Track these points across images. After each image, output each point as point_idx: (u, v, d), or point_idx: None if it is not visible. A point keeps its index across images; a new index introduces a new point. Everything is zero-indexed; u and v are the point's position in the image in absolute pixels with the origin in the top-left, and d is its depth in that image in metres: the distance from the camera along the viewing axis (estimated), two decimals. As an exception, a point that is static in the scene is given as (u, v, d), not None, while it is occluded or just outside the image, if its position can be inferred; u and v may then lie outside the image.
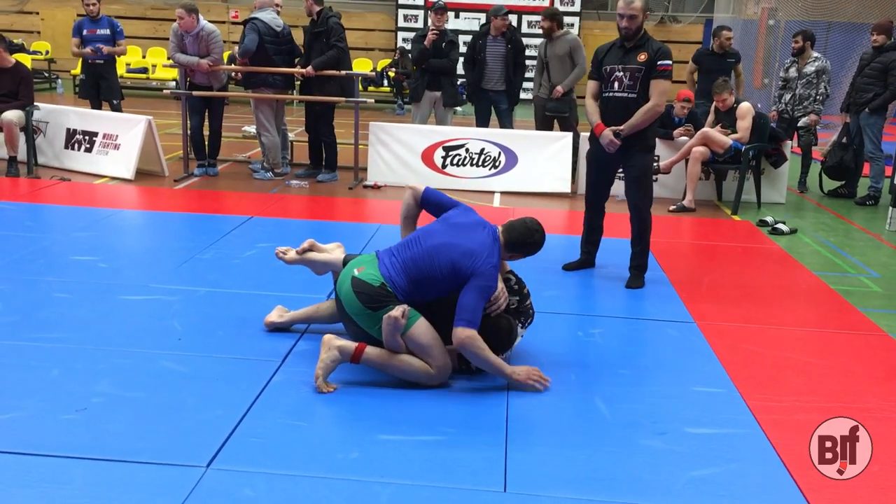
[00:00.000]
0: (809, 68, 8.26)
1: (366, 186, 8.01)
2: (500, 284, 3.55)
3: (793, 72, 8.43)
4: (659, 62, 4.69)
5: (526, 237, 3.51)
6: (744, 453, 2.97)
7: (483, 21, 9.45)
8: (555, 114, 8.34)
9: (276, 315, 3.96)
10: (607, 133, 4.76)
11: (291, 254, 3.95)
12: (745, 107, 7.61)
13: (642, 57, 4.71)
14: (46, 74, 17.00)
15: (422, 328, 3.35)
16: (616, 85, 4.79)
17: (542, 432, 3.08)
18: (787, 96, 8.45)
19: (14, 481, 2.59)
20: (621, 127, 4.72)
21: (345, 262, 3.76)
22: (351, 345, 3.36)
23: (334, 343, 3.36)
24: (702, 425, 3.16)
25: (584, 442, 3.01)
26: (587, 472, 2.80)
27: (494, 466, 2.80)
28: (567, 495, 2.64)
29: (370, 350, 3.37)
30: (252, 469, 2.71)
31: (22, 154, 7.92)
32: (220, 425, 2.98)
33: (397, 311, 3.29)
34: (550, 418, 3.20)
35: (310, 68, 7.68)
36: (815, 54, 8.36)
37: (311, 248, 3.95)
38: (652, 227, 5.07)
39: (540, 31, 9.03)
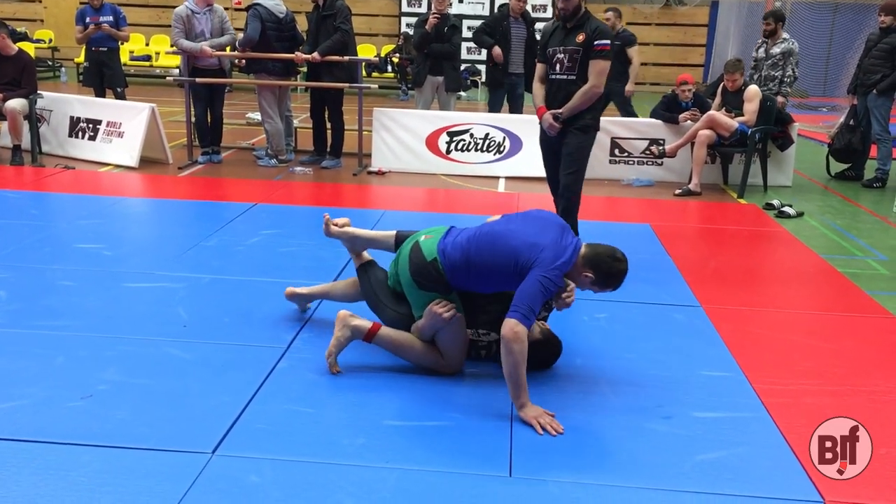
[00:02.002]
0: (776, 49, 8.18)
1: (370, 172, 7.99)
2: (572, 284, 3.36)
3: (761, 52, 8.37)
4: (596, 42, 4.59)
5: (610, 260, 3.14)
6: (750, 437, 2.96)
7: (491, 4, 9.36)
8: None
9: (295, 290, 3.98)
10: (547, 116, 4.77)
11: (333, 227, 3.76)
12: (753, 90, 7.55)
13: (580, 38, 4.62)
14: (50, 63, 16.97)
15: (455, 328, 3.29)
16: (557, 67, 4.74)
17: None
18: (755, 76, 8.39)
19: (20, 468, 2.59)
20: (560, 110, 4.71)
21: (398, 238, 3.61)
22: (365, 324, 3.36)
23: (349, 322, 3.35)
24: (708, 409, 3.15)
25: (590, 426, 3.00)
26: (593, 456, 2.79)
27: (500, 451, 2.80)
28: (572, 480, 2.64)
29: (384, 331, 3.38)
30: (258, 455, 2.71)
31: (26, 142, 7.92)
32: (226, 412, 2.98)
33: (447, 311, 3.23)
34: (555, 402, 3.18)
35: (316, 54, 7.64)
36: (785, 35, 8.30)
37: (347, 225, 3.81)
38: (580, 208, 5.01)
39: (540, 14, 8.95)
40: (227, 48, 8.08)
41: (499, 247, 3.18)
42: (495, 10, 15.94)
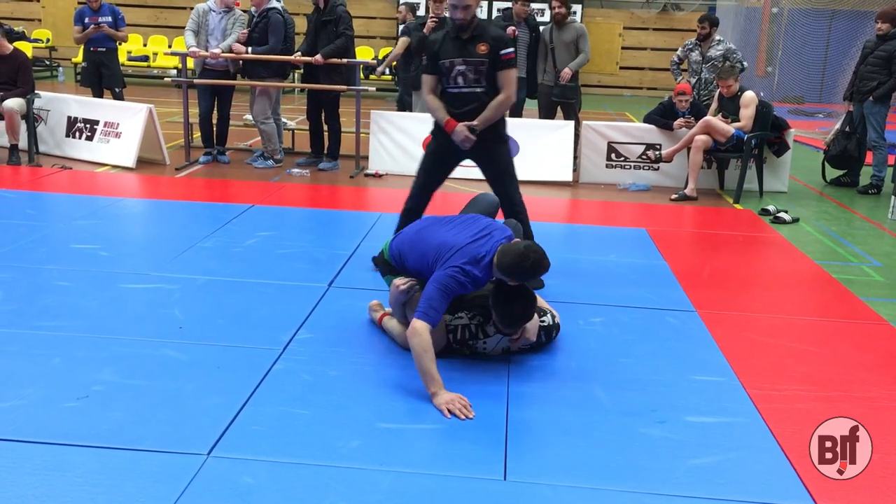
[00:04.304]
0: (714, 52, 8.20)
1: (367, 175, 7.99)
2: (534, 323, 3.54)
3: (695, 56, 8.37)
4: (502, 52, 4.36)
5: (515, 265, 3.26)
6: (744, 442, 2.97)
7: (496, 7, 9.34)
8: (561, 100, 8.32)
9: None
10: (461, 129, 4.40)
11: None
12: (750, 95, 7.57)
13: (483, 48, 4.36)
14: (47, 62, 16.96)
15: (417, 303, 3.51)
16: (461, 80, 4.42)
17: (541, 421, 3.08)
18: (693, 80, 8.39)
19: (16, 469, 2.59)
20: (475, 122, 4.39)
21: None
22: (377, 314, 3.88)
23: (371, 314, 3.96)
24: (702, 414, 3.16)
25: (584, 430, 3.01)
26: (587, 460, 2.80)
27: (494, 454, 2.80)
28: (566, 483, 2.65)
29: (384, 322, 3.80)
30: (253, 457, 2.72)
31: (23, 142, 7.92)
32: (221, 413, 2.99)
33: (403, 283, 3.57)
34: (550, 406, 3.20)
35: (318, 57, 7.64)
36: (718, 38, 8.33)
37: None
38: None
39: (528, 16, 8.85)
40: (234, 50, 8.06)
41: (422, 245, 3.52)
42: (494, 14, 15.98)
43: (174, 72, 14.80)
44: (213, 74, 7.98)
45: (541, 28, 8.53)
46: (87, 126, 8.26)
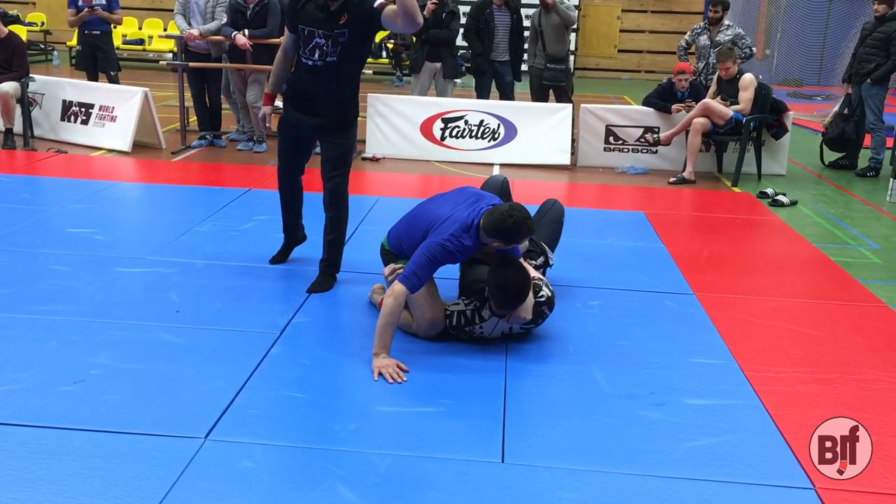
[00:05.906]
0: (723, 37, 8.15)
1: (364, 159, 7.96)
2: (529, 303, 3.45)
3: (704, 40, 8.33)
4: (377, 3, 3.79)
5: (499, 222, 3.28)
6: (742, 424, 2.97)
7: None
8: (552, 83, 8.29)
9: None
10: (267, 111, 4.27)
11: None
12: (749, 78, 7.53)
13: (344, 19, 3.82)
14: (42, 46, 16.84)
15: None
16: (317, 54, 3.88)
17: (539, 403, 3.08)
18: (701, 65, 8.35)
19: (12, 453, 2.59)
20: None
21: None
22: (379, 297, 3.86)
23: (373, 296, 3.98)
24: (700, 396, 3.16)
25: (582, 413, 3.01)
26: (585, 442, 2.80)
27: (492, 437, 2.80)
28: (564, 466, 2.65)
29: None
30: (250, 440, 2.71)
31: (18, 126, 7.87)
32: (219, 397, 2.98)
33: (389, 273, 3.63)
34: (548, 389, 3.20)
35: None
36: (727, 22, 8.28)
37: None
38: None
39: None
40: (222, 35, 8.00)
41: (417, 226, 3.57)
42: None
43: (170, 55, 14.69)
44: (196, 57, 7.93)
45: (522, 11, 8.48)
46: (83, 110, 8.20)
